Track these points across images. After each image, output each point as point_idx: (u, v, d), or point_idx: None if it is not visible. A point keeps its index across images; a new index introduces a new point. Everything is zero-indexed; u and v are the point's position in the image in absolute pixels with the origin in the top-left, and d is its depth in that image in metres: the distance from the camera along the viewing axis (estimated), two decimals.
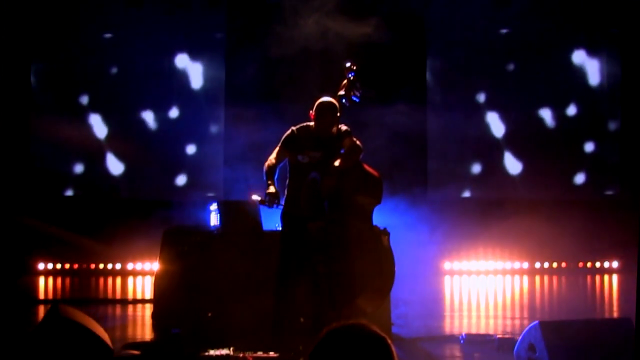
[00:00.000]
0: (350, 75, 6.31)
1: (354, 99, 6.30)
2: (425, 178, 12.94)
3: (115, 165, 12.77)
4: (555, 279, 12.44)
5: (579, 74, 13.13)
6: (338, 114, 6.27)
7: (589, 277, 12.54)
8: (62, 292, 11.25)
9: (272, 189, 6.26)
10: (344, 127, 6.37)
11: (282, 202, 6.33)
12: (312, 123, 6.37)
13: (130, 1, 12.43)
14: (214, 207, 8.08)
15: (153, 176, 12.74)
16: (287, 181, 6.45)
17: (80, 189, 12.71)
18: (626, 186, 12.65)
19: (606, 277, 12.56)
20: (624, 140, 13.00)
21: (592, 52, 13.11)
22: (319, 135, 6.30)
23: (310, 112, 6.34)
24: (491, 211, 12.46)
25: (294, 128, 6.44)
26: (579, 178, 13.06)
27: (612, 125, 13.15)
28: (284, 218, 6.43)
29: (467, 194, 13.01)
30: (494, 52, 13.02)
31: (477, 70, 13.01)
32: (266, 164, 6.41)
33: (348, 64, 6.33)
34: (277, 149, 6.45)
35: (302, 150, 6.32)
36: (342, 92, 6.30)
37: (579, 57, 13.12)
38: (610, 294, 11.34)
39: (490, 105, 13.06)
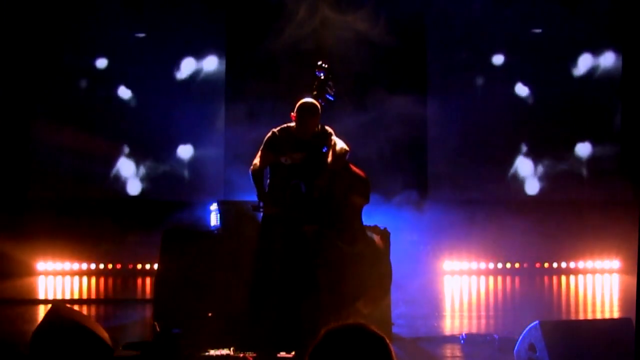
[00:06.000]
0: (320, 74, 6.29)
1: (329, 97, 6.29)
2: (426, 178, 12.92)
3: (114, 165, 12.76)
4: (555, 279, 12.42)
5: (580, 73, 13.12)
6: (319, 115, 6.26)
7: (589, 277, 12.53)
8: (62, 292, 11.25)
9: (263, 195, 6.27)
10: (325, 128, 6.35)
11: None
12: (292, 124, 6.34)
13: (130, 1, 12.42)
14: (214, 207, 8.08)
15: (153, 176, 12.73)
16: (268, 182, 6.42)
17: (80, 189, 12.69)
18: (626, 186, 12.63)
19: (606, 277, 12.55)
20: (624, 139, 12.99)
21: (595, 54, 13.08)
22: (300, 136, 6.27)
23: (292, 113, 6.32)
24: (492, 211, 12.44)
25: (274, 130, 6.41)
26: (580, 178, 13.04)
27: (613, 126, 13.13)
28: (264, 220, 6.41)
29: (467, 194, 12.98)
30: (494, 52, 13.01)
31: (478, 69, 13.00)
32: (251, 169, 6.38)
33: (319, 63, 6.32)
34: (260, 152, 6.42)
35: (284, 151, 6.28)
36: (315, 92, 6.29)
37: (583, 58, 13.09)
38: (610, 294, 11.33)
39: (491, 105, 13.04)
